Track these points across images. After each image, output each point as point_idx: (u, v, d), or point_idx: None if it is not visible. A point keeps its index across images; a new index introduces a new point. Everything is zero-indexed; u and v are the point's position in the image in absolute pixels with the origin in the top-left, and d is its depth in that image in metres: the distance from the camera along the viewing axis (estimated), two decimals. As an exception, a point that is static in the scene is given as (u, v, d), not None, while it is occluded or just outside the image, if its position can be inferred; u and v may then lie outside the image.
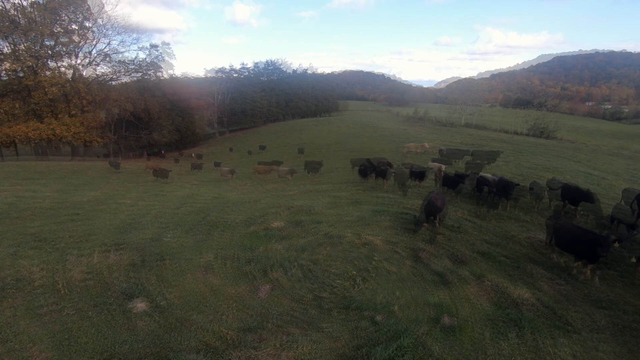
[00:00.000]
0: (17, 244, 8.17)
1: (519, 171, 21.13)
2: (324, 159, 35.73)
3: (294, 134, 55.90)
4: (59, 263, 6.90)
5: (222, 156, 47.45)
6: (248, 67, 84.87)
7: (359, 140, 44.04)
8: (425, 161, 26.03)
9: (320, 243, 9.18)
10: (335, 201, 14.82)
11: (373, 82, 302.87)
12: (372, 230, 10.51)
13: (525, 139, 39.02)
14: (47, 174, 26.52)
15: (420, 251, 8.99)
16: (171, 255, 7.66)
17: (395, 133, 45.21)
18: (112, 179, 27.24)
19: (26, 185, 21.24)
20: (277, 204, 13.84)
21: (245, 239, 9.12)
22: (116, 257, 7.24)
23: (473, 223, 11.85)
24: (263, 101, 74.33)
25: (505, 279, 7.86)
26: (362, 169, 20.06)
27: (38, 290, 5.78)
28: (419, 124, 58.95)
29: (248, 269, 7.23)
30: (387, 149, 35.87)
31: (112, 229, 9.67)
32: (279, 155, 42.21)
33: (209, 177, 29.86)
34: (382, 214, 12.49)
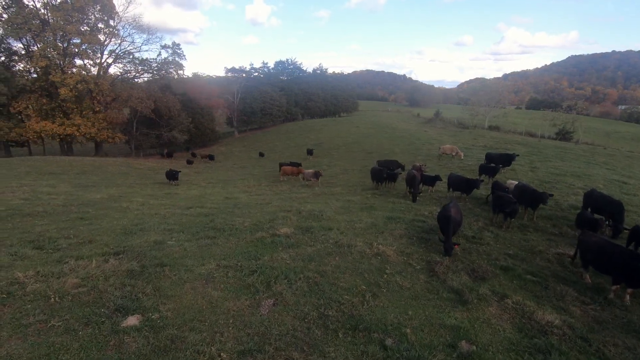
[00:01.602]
0: (20, 243, 8.04)
1: (546, 177, 19.97)
2: (340, 160, 35.18)
3: (312, 134, 55.55)
4: (56, 267, 6.67)
5: (247, 160, 47.58)
6: (269, 65, 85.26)
7: (377, 140, 43.26)
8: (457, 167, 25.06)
9: (329, 252, 8.67)
10: (347, 205, 14.29)
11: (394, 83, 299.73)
12: (385, 239, 9.92)
13: (553, 143, 37.23)
14: (68, 170, 27.10)
15: (435, 264, 8.34)
16: (172, 263, 7.33)
17: (415, 134, 44.14)
18: (130, 175, 27.60)
19: (47, 180, 21.68)
20: (287, 207, 13.43)
21: (251, 246, 8.71)
22: (115, 263, 6.96)
23: (494, 234, 11.08)
24: (282, 100, 74.37)
25: (531, 300, 7.13)
26: (375, 173, 19.47)
27: (28, 297, 5.52)
28: (440, 125, 57.44)
29: (251, 281, 6.80)
30: (405, 151, 35.01)
31: (118, 231, 9.47)
32: (296, 155, 41.97)
33: (225, 176, 29.84)
34: (396, 221, 11.88)
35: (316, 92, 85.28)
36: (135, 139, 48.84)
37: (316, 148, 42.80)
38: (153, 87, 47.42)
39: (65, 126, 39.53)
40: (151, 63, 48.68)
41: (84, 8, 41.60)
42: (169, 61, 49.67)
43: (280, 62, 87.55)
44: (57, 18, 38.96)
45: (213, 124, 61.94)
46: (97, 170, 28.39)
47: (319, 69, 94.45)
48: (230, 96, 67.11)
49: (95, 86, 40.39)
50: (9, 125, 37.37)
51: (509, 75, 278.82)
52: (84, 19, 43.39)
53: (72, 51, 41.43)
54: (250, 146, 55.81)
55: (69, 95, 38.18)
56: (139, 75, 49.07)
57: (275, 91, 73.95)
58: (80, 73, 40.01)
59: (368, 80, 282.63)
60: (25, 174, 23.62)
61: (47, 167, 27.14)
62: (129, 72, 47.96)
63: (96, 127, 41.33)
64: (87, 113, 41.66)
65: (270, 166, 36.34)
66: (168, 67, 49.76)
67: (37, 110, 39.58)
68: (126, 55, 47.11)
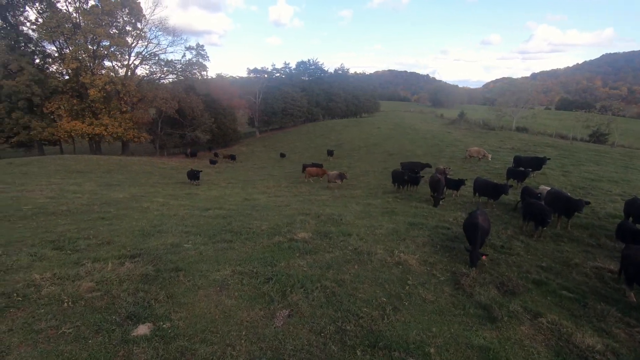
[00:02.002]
0: (41, 243, 8.13)
1: (580, 182, 18.83)
2: (360, 162, 34.67)
3: (333, 134, 55.22)
4: (73, 269, 6.65)
5: (267, 160, 47.78)
6: (290, 66, 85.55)
7: (398, 142, 42.44)
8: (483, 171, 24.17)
9: (348, 260, 8.32)
10: (368, 210, 13.87)
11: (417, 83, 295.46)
12: (407, 246, 9.48)
13: (586, 146, 35.33)
14: (95, 168, 27.91)
15: (461, 276, 7.84)
16: (187, 268, 7.18)
17: (438, 135, 43.01)
18: (153, 175, 28.13)
19: (74, 178, 22.35)
20: (306, 210, 13.15)
21: (267, 251, 8.48)
22: (130, 266, 6.88)
23: (524, 244, 10.40)
24: (303, 100, 74.41)
25: (568, 319, 6.54)
26: (397, 175, 18.92)
27: (43, 301, 5.48)
28: (465, 126, 55.79)
29: (266, 289, 6.55)
30: (428, 153, 34.11)
31: (136, 232, 9.46)
32: (316, 156, 41.75)
33: (245, 176, 29.96)
34: (418, 227, 11.39)
35: (337, 93, 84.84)
36: (160, 138, 49.99)
37: (336, 149, 42.46)
38: (177, 87, 48.41)
39: (94, 126, 40.90)
40: (176, 64, 49.72)
41: (113, 11, 42.92)
42: (193, 62, 50.58)
43: (301, 63, 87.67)
44: (88, 21, 40.35)
45: (235, 124, 62.67)
46: (123, 169, 29.14)
47: (341, 69, 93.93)
48: (252, 96, 67.72)
49: (122, 87, 41.59)
50: (42, 125, 39.01)
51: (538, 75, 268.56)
52: (113, 22, 44.78)
53: (102, 53, 42.83)
54: (270, 146, 56.10)
55: (97, 96, 39.46)
56: (164, 76, 50.22)
57: (296, 91, 74.09)
58: (108, 74, 41.30)
59: (390, 81, 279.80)
60: (55, 172, 24.48)
61: (75, 165, 28.07)
62: (154, 73, 49.16)
63: (123, 127, 42.55)
64: (114, 113, 42.96)
65: (290, 167, 36.29)
66: (192, 68, 50.67)
67: (68, 111, 41.14)
68: (152, 57, 48.33)
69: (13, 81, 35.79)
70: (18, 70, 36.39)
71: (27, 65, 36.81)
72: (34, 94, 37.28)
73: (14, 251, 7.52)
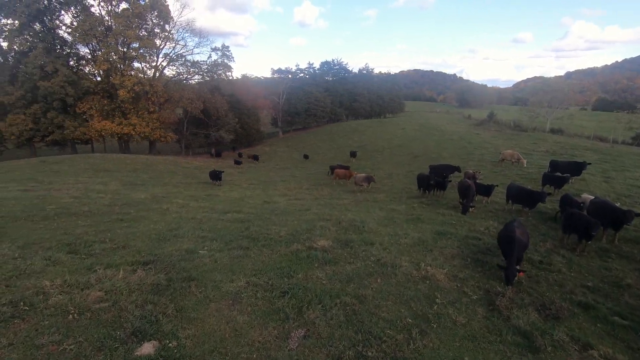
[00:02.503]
0: (58, 246, 8.04)
1: (624, 190, 17.34)
2: (384, 164, 33.82)
3: (356, 135, 54.48)
4: (84, 275, 6.45)
5: (290, 161, 47.68)
6: (314, 66, 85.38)
7: (424, 143, 41.23)
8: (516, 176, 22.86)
9: (370, 272, 7.75)
10: (392, 216, 13.20)
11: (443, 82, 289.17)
12: (434, 259, 8.79)
13: (629, 150, 32.91)
14: (122, 167, 28.53)
15: (496, 296, 7.10)
16: (200, 277, 6.85)
17: (466, 137, 41.45)
18: (177, 174, 28.45)
19: (101, 177, 22.84)
20: (327, 215, 12.65)
21: (285, 260, 8.04)
22: (142, 274, 6.61)
23: (566, 259, 9.45)
24: (326, 100, 74.01)
25: (623, 353, 5.70)
26: (422, 179, 18.07)
27: (49, 311, 5.25)
28: (494, 127, 53.64)
29: (281, 304, 6.10)
30: (455, 155, 32.84)
31: (152, 236, 9.27)
32: (339, 157, 41.20)
33: (266, 177, 29.81)
34: (447, 237, 10.64)
35: (361, 93, 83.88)
36: (186, 138, 50.93)
37: (359, 150, 41.76)
38: (203, 88, 49.13)
39: (123, 126, 42.08)
40: (201, 65, 50.47)
41: (142, 14, 43.99)
42: (218, 63, 51.19)
43: (325, 63, 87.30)
44: (119, 24, 41.55)
45: (258, 124, 63.08)
46: (148, 169, 29.67)
47: (365, 69, 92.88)
48: (276, 97, 67.97)
49: (150, 88, 42.55)
50: (75, 125, 40.50)
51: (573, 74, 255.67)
52: (143, 24, 45.93)
53: (131, 55, 44.00)
54: (293, 147, 56.00)
55: (126, 97, 40.54)
56: (190, 77, 51.11)
57: (320, 92, 73.78)
58: (137, 75, 42.35)
59: (415, 80, 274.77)
60: (84, 171, 25.17)
61: (104, 164, 28.82)
62: (181, 74, 50.11)
63: (150, 127, 43.55)
64: (142, 113, 44.04)
65: (312, 168, 35.92)
66: (217, 69, 51.30)
67: (99, 111, 42.51)
68: (179, 58, 49.25)
69: (48, 82, 37.32)
70: (53, 71, 37.91)
71: (61, 67, 38.31)
72: (68, 94, 38.75)
73: (30, 254, 7.44)
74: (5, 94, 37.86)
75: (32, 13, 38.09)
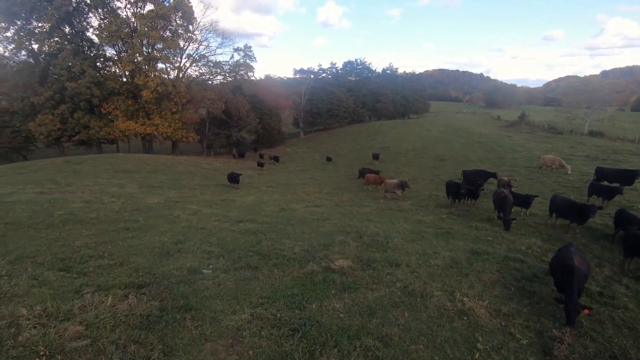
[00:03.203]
0: (50, 261, 7.38)
1: (685, 203, 15.31)
2: (408, 167, 32.30)
3: (379, 136, 52.94)
4: (68, 302, 5.68)
5: (310, 162, 46.92)
6: (337, 66, 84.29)
7: (450, 146, 39.30)
8: (561, 184, 20.98)
9: (396, 303, 6.63)
10: (419, 229, 11.96)
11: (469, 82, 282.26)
12: (471, 286, 7.56)
13: (681, 155, 29.96)
14: (142, 168, 28.46)
15: (552, 341, 5.82)
16: (198, 306, 5.95)
17: (496, 140, 39.23)
18: (196, 176, 28.09)
19: (120, 178, 22.66)
20: (347, 227, 11.58)
21: (298, 284, 7.04)
22: (133, 301, 5.78)
23: (631, 290, 7.94)
24: (349, 101, 72.77)
25: None
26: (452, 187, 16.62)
27: (15, 351, 4.46)
28: (526, 129, 50.81)
29: (289, 347, 5.10)
30: (484, 159, 30.97)
31: (156, 249, 8.50)
32: (361, 159, 39.96)
33: (286, 179, 29.01)
34: (483, 257, 9.33)
35: (385, 93, 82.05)
36: (208, 138, 51.06)
37: (382, 152, 40.31)
38: (224, 88, 49.07)
39: (146, 126, 42.49)
40: (224, 65, 50.44)
41: (167, 15, 44.29)
42: (240, 63, 51.01)
43: (348, 63, 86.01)
44: (143, 25, 41.95)
45: (280, 125, 62.64)
46: (168, 170, 29.50)
47: (389, 69, 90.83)
48: (298, 97, 67.38)
49: (173, 88, 42.74)
50: (100, 125, 41.21)
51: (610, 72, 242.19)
52: (167, 25, 46.32)
53: (155, 56, 44.39)
54: (314, 148, 55.14)
55: (149, 97, 40.87)
56: (212, 77, 51.20)
57: (342, 92, 72.61)
58: (160, 76, 42.63)
59: (440, 80, 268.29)
60: (104, 172, 25.17)
61: (124, 164, 28.85)
62: (203, 74, 50.25)
63: (172, 127, 43.78)
64: (165, 114, 44.37)
65: (332, 171, 34.88)
66: (239, 69, 51.13)
67: (124, 111, 43.11)
68: (202, 59, 49.38)
69: (75, 83, 38.06)
70: (80, 73, 38.65)
71: (88, 68, 39.01)
72: (93, 95, 39.43)
73: (18, 271, 6.77)
74: (36, 95, 38.91)
75: (61, 16, 38.98)
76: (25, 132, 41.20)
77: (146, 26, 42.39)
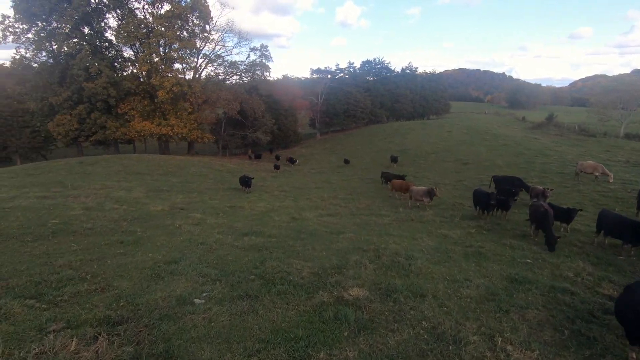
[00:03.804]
0: (23, 285, 6.47)
1: None
2: (429, 171, 30.69)
3: (397, 138, 51.32)
4: (24, 344, 4.69)
5: (326, 164, 45.89)
6: (354, 65, 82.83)
7: (473, 149, 37.36)
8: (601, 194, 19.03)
9: (423, 351, 5.38)
10: (445, 247, 10.61)
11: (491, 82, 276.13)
12: (514, 327, 6.21)
13: None
14: (154, 170, 27.98)
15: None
16: (181, 352, 4.88)
17: (523, 143, 37.04)
18: (208, 178, 27.40)
19: (130, 181, 22.10)
20: (364, 243, 10.35)
21: (303, 321, 5.89)
22: (102, 346, 4.75)
23: None
24: (367, 101, 71.23)
25: None
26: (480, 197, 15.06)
27: None
28: (555, 131, 48.13)
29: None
30: (512, 164, 29.07)
31: (146, 270, 7.51)
32: (379, 162, 38.53)
33: (300, 183, 27.96)
34: (524, 286, 7.94)
35: (404, 93, 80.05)
36: (223, 139, 50.67)
37: (401, 155, 38.76)
38: (240, 89, 48.53)
39: (162, 126, 42.32)
40: (239, 65, 49.91)
41: (184, 15, 44.06)
42: (256, 63, 50.37)
43: (367, 62, 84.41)
44: (159, 25, 41.79)
45: (295, 126, 61.82)
46: (180, 172, 28.93)
47: (408, 68, 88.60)
48: (314, 97, 66.36)
49: (188, 88, 42.39)
50: (116, 125, 41.29)
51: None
52: (184, 25, 46.13)
53: (172, 56, 44.20)
54: (330, 149, 53.99)
55: (165, 97, 40.62)
56: (228, 77, 50.77)
57: (360, 92, 71.13)
58: (176, 76, 42.35)
59: (460, 80, 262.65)
60: (115, 174, 24.74)
61: (137, 166, 28.45)
62: (219, 74, 49.86)
63: (187, 128, 43.49)
64: (181, 114, 44.13)
65: (349, 173, 33.63)
66: (255, 69, 50.51)
67: (140, 111, 43.09)
68: (217, 59, 48.97)
69: (92, 84, 38.16)
70: (97, 73, 38.74)
71: (105, 69, 39.07)
72: (110, 95, 39.47)
73: (-18, 300, 5.87)
74: (55, 95, 39.26)
75: (80, 16, 39.19)
76: (45, 132, 41.71)
77: (163, 26, 42.23)
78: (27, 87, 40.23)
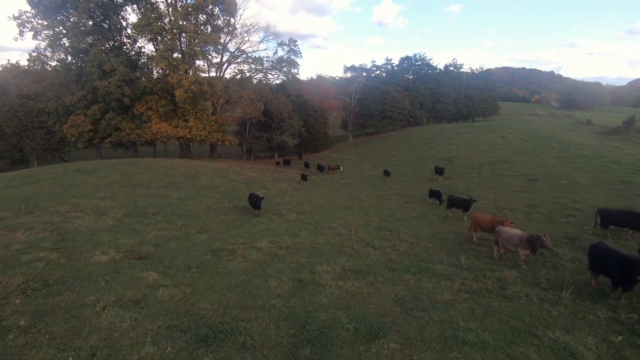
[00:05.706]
0: None
1: None
2: (485, 189, 24.62)
3: (440, 143, 44.99)
4: None
5: (358, 172, 40.71)
6: (392, 62, 76.61)
7: (541, 160, 30.52)
8: None
9: None
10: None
11: (538, 81, 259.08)
12: None
13: None
14: (157, 180, 24.18)
15: None
16: None
17: (605, 154, 29.80)
18: (216, 192, 23.13)
19: (115, 198, 18.37)
20: None
21: None
22: None
23: None
24: (405, 101, 64.96)
25: None
26: (598, 254, 9.27)
27: None
28: (636, 138, 39.84)
29: None
30: (601, 183, 22.44)
31: None
32: (419, 173, 32.77)
33: (325, 199, 22.99)
34: None
35: (447, 92, 72.80)
36: (247, 141, 46.90)
37: (447, 165, 32.76)
38: (265, 87, 44.49)
39: (179, 128, 39.02)
40: (265, 62, 45.84)
41: (205, 7, 40.57)
42: (283, 59, 46.01)
43: (406, 58, 77.69)
44: (177, 17, 38.55)
45: (326, 128, 57.04)
46: (186, 183, 24.94)
47: (452, 65, 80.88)
48: (347, 97, 61.18)
49: (208, 87, 38.73)
50: (132, 126, 38.45)
51: None
52: (209, 19, 42.75)
53: (192, 52, 40.81)
54: (363, 154, 48.64)
55: (183, 97, 37.19)
56: (252, 75, 46.87)
57: (397, 91, 64.95)
58: (194, 74, 38.82)
59: (503, 79, 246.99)
60: (107, 186, 21.12)
61: (139, 175, 24.80)
62: (242, 72, 46.08)
63: (207, 130, 39.92)
64: (200, 115, 40.69)
65: (384, 186, 28.24)
66: (281, 66, 46.19)
67: (158, 112, 40.08)
68: (240, 55, 45.16)
69: (106, 82, 35.41)
70: (111, 70, 35.95)
71: (119, 66, 36.20)
72: (124, 94, 36.58)
73: None
74: (70, 94, 37.01)
75: (97, 9, 36.64)
76: (60, 133, 39.71)
77: (185, 19, 38.88)
78: (43, 86, 38.31)
